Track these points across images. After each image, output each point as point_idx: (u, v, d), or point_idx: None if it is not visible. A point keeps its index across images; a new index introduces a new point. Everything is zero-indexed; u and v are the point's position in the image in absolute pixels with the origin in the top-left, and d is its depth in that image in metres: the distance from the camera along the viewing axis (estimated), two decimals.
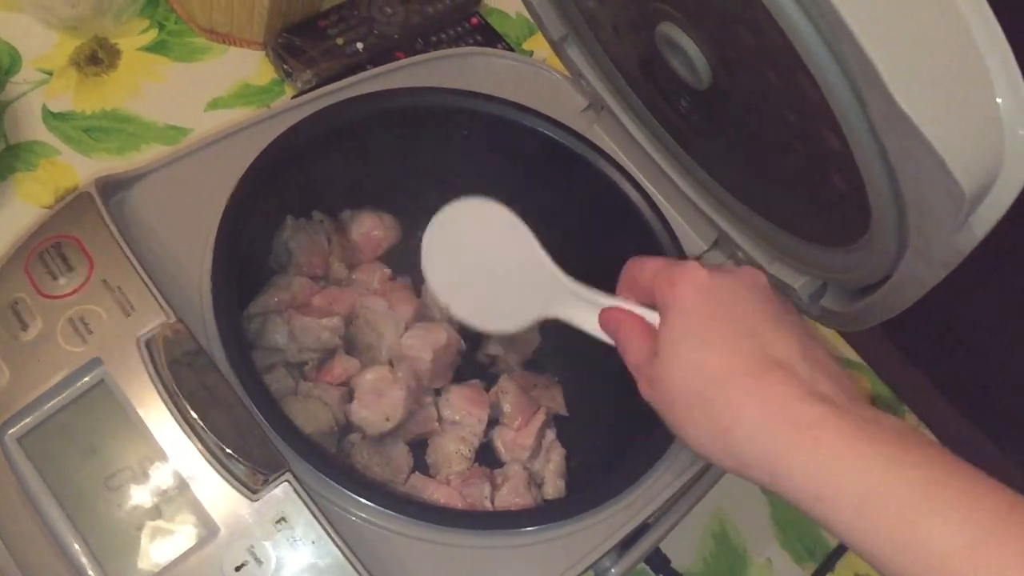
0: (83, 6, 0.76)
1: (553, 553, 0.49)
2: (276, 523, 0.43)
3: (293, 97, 0.77)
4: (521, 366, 0.68)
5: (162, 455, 0.44)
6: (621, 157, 0.63)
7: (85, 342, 0.46)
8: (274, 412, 0.47)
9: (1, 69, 0.74)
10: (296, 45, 0.79)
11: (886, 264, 0.44)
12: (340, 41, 0.81)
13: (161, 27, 0.80)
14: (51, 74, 0.75)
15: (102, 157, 0.73)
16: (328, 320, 0.59)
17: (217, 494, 0.44)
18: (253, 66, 0.80)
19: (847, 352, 0.80)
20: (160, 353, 0.45)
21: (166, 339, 0.45)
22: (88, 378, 0.45)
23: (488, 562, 0.49)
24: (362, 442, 0.58)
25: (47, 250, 0.48)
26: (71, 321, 0.46)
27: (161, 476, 0.44)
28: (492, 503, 0.59)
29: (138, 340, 0.46)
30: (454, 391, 0.63)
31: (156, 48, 0.79)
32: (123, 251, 0.47)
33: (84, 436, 0.45)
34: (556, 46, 0.64)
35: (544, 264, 0.50)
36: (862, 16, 0.34)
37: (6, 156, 0.71)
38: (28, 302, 0.47)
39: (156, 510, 0.43)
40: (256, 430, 0.45)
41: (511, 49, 0.85)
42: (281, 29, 0.79)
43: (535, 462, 0.63)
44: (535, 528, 0.50)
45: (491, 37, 0.86)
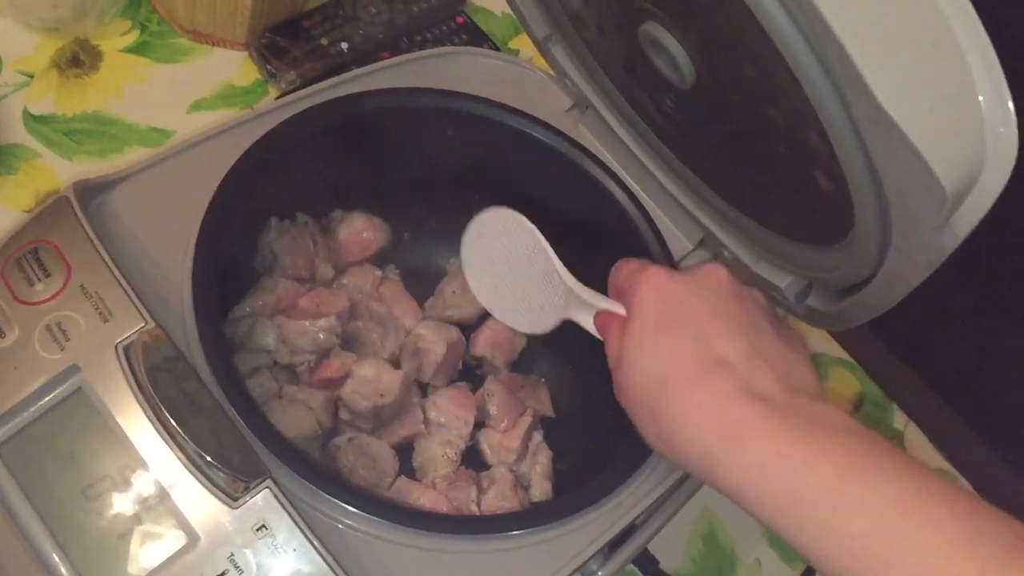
0: (64, 8, 0.75)
1: (539, 557, 0.49)
2: (257, 530, 0.43)
3: (277, 98, 0.77)
4: (507, 367, 0.67)
5: (141, 463, 0.43)
6: (606, 157, 0.63)
7: (63, 349, 0.45)
8: (255, 418, 0.47)
9: None
10: (280, 45, 0.79)
11: (870, 263, 0.44)
12: (324, 41, 0.80)
13: (143, 28, 0.79)
14: (32, 76, 0.75)
15: (84, 160, 0.72)
16: (324, 321, 0.59)
17: (197, 502, 0.43)
18: (236, 67, 0.79)
19: (836, 351, 0.80)
20: (138, 359, 0.44)
21: (144, 345, 0.44)
22: (66, 386, 0.45)
23: (474, 567, 0.48)
24: (348, 445, 0.58)
25: (24, 255, 0.47)
26: (48, 328, 0.46)
27: (141, 484, 0.43)
28: (478, 506, 0.58)
29: (116, 347, 0.45)
30: (440, 393, 0.63)
31: (138, 49, 0.78)
32: (101, 256, 0.47)
33: (62, 445, 0.44)
34: (540, 45, 0.63)
35: (556, 269, 0.54)
36: (843, 14, 0.34)
37: None
38: (4, 309, 0.46)
39: (136, 519, 0.43)
40: (236, 436, 0.44)
41: (497, 48, 0.85)
42: (264, 29, 0.79)
43: (521, 464, 0.62)
44: (521, 532, 0.49)
45: (477, 36, 0.85)
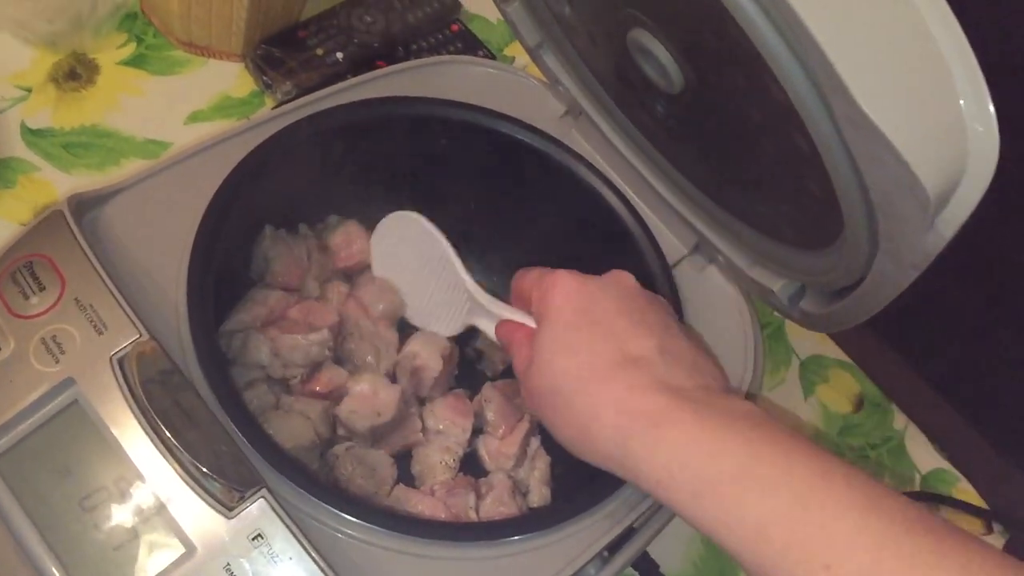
0: (60, 22, 0.76)
1: (538, 562, 0.49)
2: (253, 540, 0.43)
3: (273, 108, 0.77)
4: (505, 364, 0.68)
5: (137, 475, 0.44)
6: (600, 162, 0.63)
7: (58, 362, 0.45)
8: (249, 428, 0.47)
9: None
10: (275, 56, 0.79)
11: (860, 266, 0.44)
12: (320, 51, 0.80)
13: (139, 41, 0.80)
14: (29, 90, 0.75)
15: (82, 173, 0.73)
16: (316, 335, 0.59)
17: (193, 513, 0.43)
18: (232, 78, 0.80)
19: (835, 352, 0.80)
20: (133, 372, 0.44)
21: (139, 357, 0.45)
22: (61, 399, 0.45)
23: (472, 573, 0.48)
24: (346, 454, 0.58)
25: (19, 269, 0.48)
26: (43, 341, 0.46)
27: (136, 496, 0.44)
28: (477, 513, 0.58)
29: (111, 359, 0.45)
30: (438, 401, 0.63)
31: (135, 62, 0.79)
32: (95, 269, 0.47)
33: (58, 457, 0.44)
34: (532, 53, 0.64)
35: (460, 275, 0.54)
36: (823, 20, 0.34)
37: None
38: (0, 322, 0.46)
39: (132, 530, 0.43)
40: (231, 447, 0.44)
41: (492, 56, 0.85)
42: (260, 40, 0.79)
43: (520, 470, 0.62)
44: (520, 537, 0.49)
45: (472, 44, 0.85)
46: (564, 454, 0.63)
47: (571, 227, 0.65)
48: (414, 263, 0.58)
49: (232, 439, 0.45)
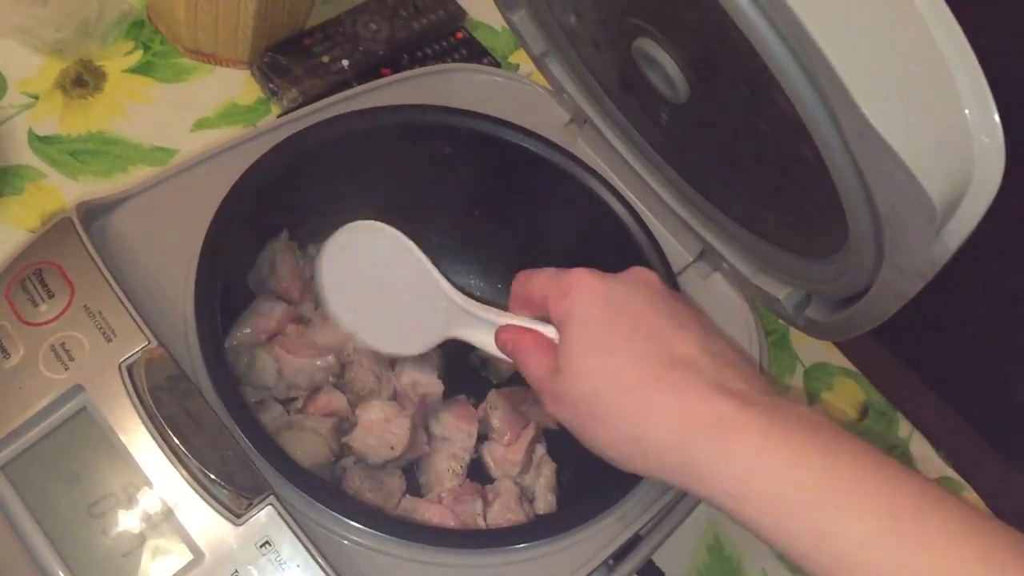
0: (68, 29, 0.76)
1: (544, 569, 0.49)
2: (261, 547, 0.43)
3: (279, 116, 0.78)
4: (511, 371, 0.68)
5: (145, 481, 0.44)
6: (605, 170, 0.63)
7: (67, 369, 0.46)
8: (257, 434, 0.47)
9: None
10: (281, 64, 0.79)
11: (865, 275, 0.44)
12: (325, 59, 0.81)
13: (146, 48, 0.80)
14: (37, 98, 0.76)
15: (89, 180, 0.73)
16: (322, 361, 0.59)
17: (201, 519, 0.44)
18: (239, 85, 0.80)
19: (840, 360, 0.80)
20: (142, 379, 0.45)
21: (147, 364, 0.45)
22: (70, 405, 0.45)
23: None
24: (354, 467, 0.58)
25: (28, 277, 0.48)
26: (52, 348, 0.46)
27: (145, 502, 0.44)
28: (484, 519, 0.59)
29: (119, 366, 0.45)
30: (443, 408, 0.63)
31: (141, 69, 0.79)
32: (104, 277, 0.47)
33: (67, 463, 0.44)
34: (538, 61, 0.64)
35: (439, 284, 0.51)
36: (830, 32, 0.34)
37: None
38: (9, 329, 0.47)
39: (141, 536, 0.43)
40: (239, 453, 0.44)
41: (497, 63, 0.85)
42: (266, 48, 0.80)
43: (526, 477, 0.62)
44: (526, 545, 0.50)
45: (477, 51, 0.86)
46: (569, 461, 0.64)
47: (575, 234, 0.65)
48: (373, 279, 0.52)
49: (240, 446, 0.45)
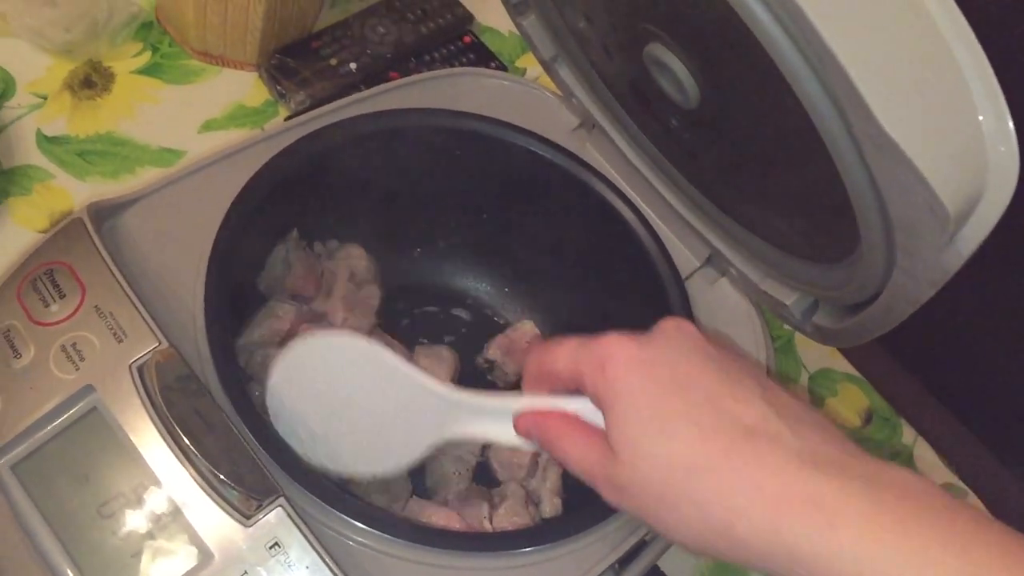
0: (77, 30, 0.76)
1: (550, 573, 0.49)
2: (270, 548, 0.43)
3: (287, 118, 0.78)
4: (517, 376, 0.68)
5: (155, 481, 0.44)
6: (613, 175, 0.63)
7: (78, 369, 0.46)
8: (267, 436, 0.47)
9: None
10: (289, 66, 0.80)
11: (875, 282, 0.44)
12: (333, 61, 0.81)
13: (155, 50, 0.80)
14: (45, 98, 0.76)
15: (97, 181, 0.73)
16: None
17: (211, 520, 0.44)
18: (247, 87, 0.80)
19: (844, 366, 0.80)
20: (152, 379, 0.45)
21: (158, 365, 0.45)
22: (81, 405, 0.45)
23: None
24: None
25: (39, 277, 0.48)
26: (63, 348, 0.46)
27: (155, 503, 0.44)
28: (491, 522, 0.59)
29: (130, 366, 0.46)
30: None
31: (150, 71, 0.79)
32: (115, 277, 0.48)
33: (77, 463, 0.44)
34: (547, 66, 0.64)
35: (428, 386, 0.45)
36: (845, 39, 0.34)
37: (0, 181, 0.71)
38: (20, 329, 0.47)
39: (150, 537, 0.43)
40: (248, 455, 0.44)
41: (504, 67, 0.85)
42: (274, 50, 0.80)
43: (532, 480, 0.62)
44: (531, 549, 0.50)
45: (484, 55, 0.86)
46: None
47: (583, 239, 0.66)
48: (334, 396, 0.46)
49: (249, 447, 0.45)
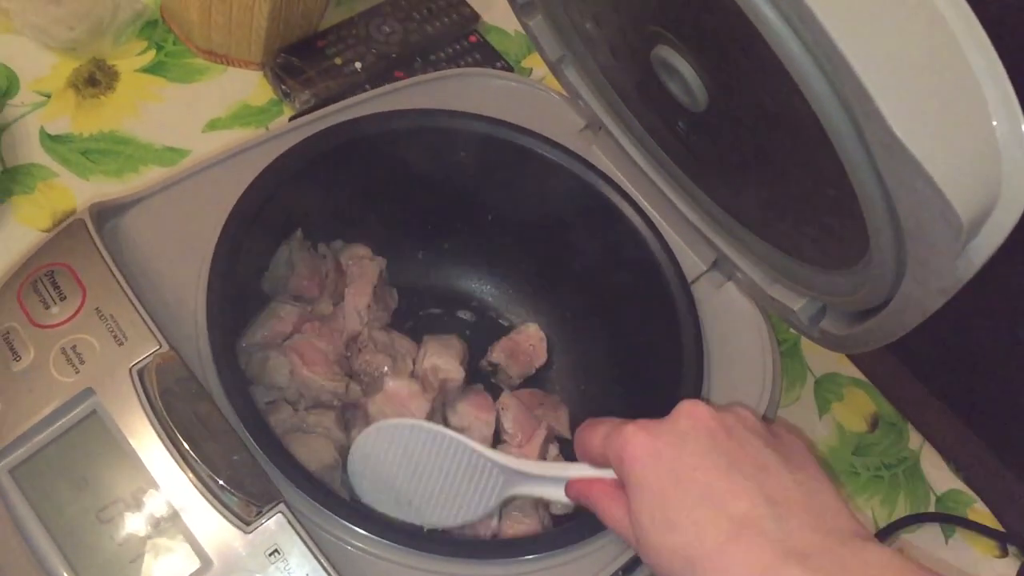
0: (81, 28, 0.76)
1: None
2: (270, 555, 0.43)
3: (291, 118, 0.77)
4: (521, 379, 0.67)
5: (154, 487, 0.43)
6: (619, 177, 0.63)
7: (77, 372, 0.45)
8: (268, 441, 0.47)
9: None
10: (294, 65, 0.79)
11: (885, 289, 0.43)
12: (338, 60, 0.81)
13: (159, 48, 0.80)
14: (49, 96, 0.75)
15: (100, 179, 0.73)
16: (333, 384, 0.58)
17: (210, 526, 0.43)
18: (251, 86, 0.80)
19: (850, 370, 0.80)
20: (152, 383, 0.44)
21: (159, 368, 0.45)
22: (80, 409, 0.45)
23: None
24: None
25: (40, 278, 0.48)
26: (63, 351, 0.46)
27: (154, 508, 0.43)
28: (499, 520, 0.58)
29: (130, 370, 0.45)
30: (460, 399, 0.63)
31: (154, 69, 0.79)
32: (116, 279, 0.47)
33: (76, 468, 0.44)
34: (553, 67, 0.63)
35: (488, 458, 0.50)
36: (856, 43, 0.34)
37: (3, 179, 0.70)
38: (20, 331, 0.46)
39: (149, 543, 0.43)
40: (249, 460, 0.44)
41: (510, 67, 0.85)
42: (279, 49, 0.79)
43: None
44: (534, 556, 0.49)
45: (490, 55, 0.85)
46: None
47: (588, 241, 0.65)
48: (411, 470, 0.52)
49: (249, 451, 0.45)
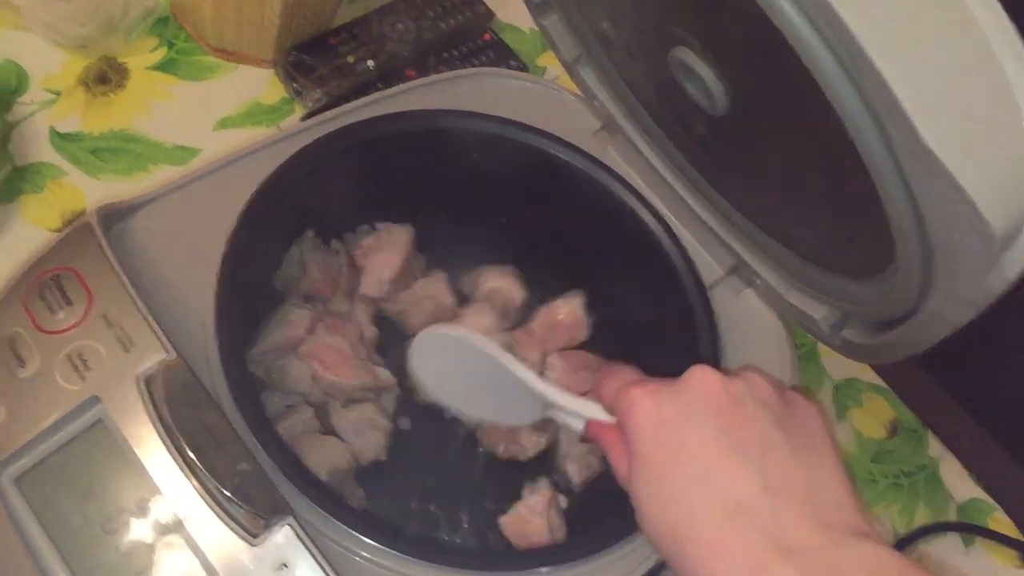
0: (92, 25, 0.75)
1: None
2: (277, 570, 0.42)
3: (303, 117, 0.77)
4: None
5: (161, 498, 0.43)
6: (635, 179, 0.61)
7: (83, 379, 0.45)
8: (277, 449, 0.46)
9: (9, 89, 0.74)
10: (306, 63, 0.78)
11: (911, 299, 0.42)
12: (351, 59, 0.79)
13: (170, 46, 0.79)
14: (59, 94, 0.75)
15: (110, 178, 0.72)
16: (360, 380, 0.58)
17: (217, 539, 0.42)
18: (263, 84, 0.79)
19: (869, 376, 0.78)
20: (160, 391, 0.43)
21: (166, 377, 0.44)
22: (85, 417, 0.44)
23: None
24: None
25: (46, 283, 0.47)
26: (69, 358, 0.45)
27: (159, 520, 0.43)
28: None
29: (137, 378, 0.44)
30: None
31: (165, 67, 0.78)
32: (123, 285, 0.46)
33: (81, 477, 0.43)
34: (569, 67, 0.62)
35: (524, 380, 0.50)
36: (884, 47, 0.32)
37: (13, 178, 0.70)
38: (26, 337, 0.46)
39: (154, 555, 0.42)
40: (257, 470, 0.43)
41: (524, 66, 0.84)
42: (291, 47, 0.78)
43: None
44: (547, 569, 0.48)
45: (504, 53, 0.84)
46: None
47: (605, 245, 0.64)
48: (465, 371, 0.52)
49: (258, 462, 0.44)
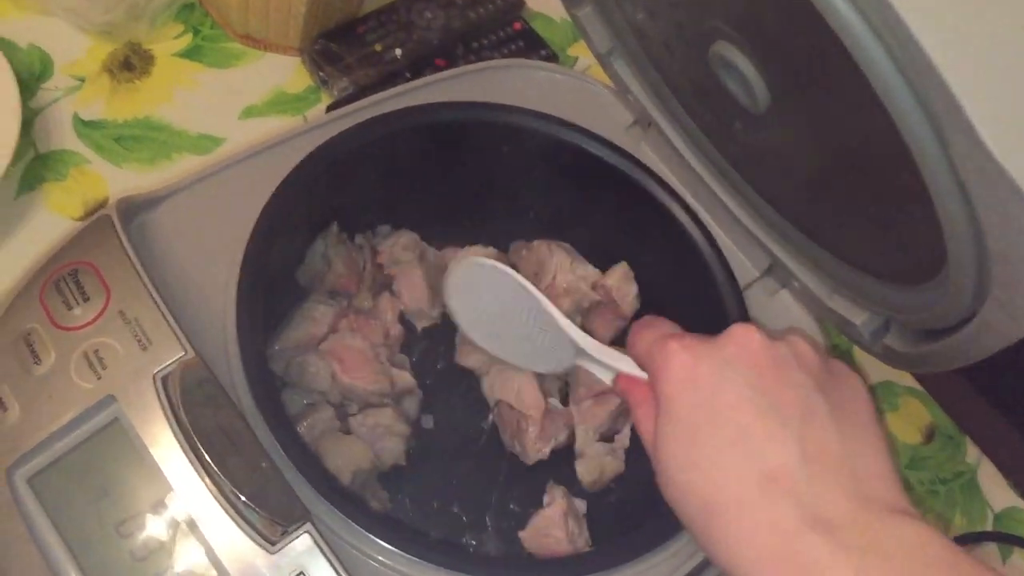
0: (117, 11, 0.74)
1: None
2: None
3: (329, 107, 0.75)
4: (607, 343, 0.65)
5: (176, 501, 0.42)
6: (669, 176, 0.60)
7: (99, 378, 0.43)
8: (297, 452, 0.45)
9: (32, 75, 0.73)
10: (333, 51, 0.77)
11: (961, 310, 0.40)
12: (378, 47, 0.78)
13: (196, 32, 0.78)
14: (83, 80, 0.74)
15: (133, 167, 0.71)
16: (377, 386, 0.56)
17: (233, 545, 0.41)
18: (289, 73, 0.77)
19: (906, 379, 0.76)
20: (176, 391, 0.42)
21: (183, 376, 0.42)
22: (101, 417, 0.43)
23: None
24: None
25: (63, 277, 0.46)
26: (85, 355, 0.44)
27: (175, 524, 0.41)
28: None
29: (154, 377, 0.43)
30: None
31: (190, 54, 0.77)
32: (142, 280, 0.45)
33: (96, 478, 0.42)
34: (602, 59, 0.60)
35: (562, 327, 0.48)
36: (946, 47, 0.30)
37: (35, 165, 0.69)
38: (42, 333, 0.44)
39: (169, 560, 0.41)
40: (276, 475, 0.42)
41: (555, 55, 0.82)
42: (318, 35, 0.77)
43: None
44: None
45: (534, 43, 0.82)
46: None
47: (636, 243, 0.62)
48: (499, 308, 0.51)
49: (277, 466, 0.43)
